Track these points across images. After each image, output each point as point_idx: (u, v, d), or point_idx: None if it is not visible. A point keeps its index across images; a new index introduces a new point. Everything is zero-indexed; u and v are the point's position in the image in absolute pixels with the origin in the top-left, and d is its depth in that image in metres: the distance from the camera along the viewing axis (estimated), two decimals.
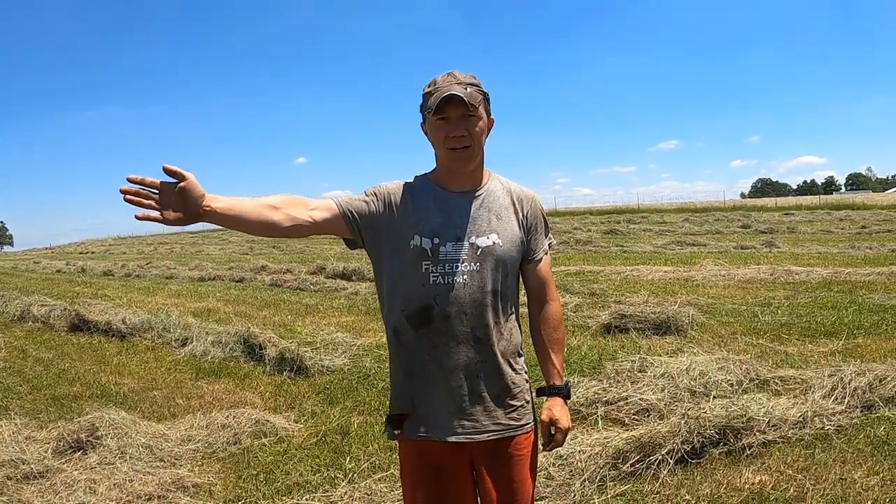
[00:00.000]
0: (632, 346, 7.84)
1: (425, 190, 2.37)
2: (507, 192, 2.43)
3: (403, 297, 2.33)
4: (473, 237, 2.30)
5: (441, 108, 2.22)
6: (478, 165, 2.38)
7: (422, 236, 2.29)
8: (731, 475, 4.33)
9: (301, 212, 2.27)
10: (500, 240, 2.33)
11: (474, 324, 2.31)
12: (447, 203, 2.34)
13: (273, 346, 8.15)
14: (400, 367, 2.39)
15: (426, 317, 2.29)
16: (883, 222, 28.50)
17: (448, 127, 2.25)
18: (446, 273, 2.28)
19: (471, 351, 2.31)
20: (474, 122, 2.26)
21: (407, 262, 2.31)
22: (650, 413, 5.30)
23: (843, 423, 4.99)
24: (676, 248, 21.24)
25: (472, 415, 2.33)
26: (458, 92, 2.19)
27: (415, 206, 2.33)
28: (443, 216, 2.31)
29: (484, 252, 2.30)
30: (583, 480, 4.27)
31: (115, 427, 5.28)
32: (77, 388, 7.68)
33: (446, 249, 2.28)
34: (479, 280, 2.29)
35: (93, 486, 4.50)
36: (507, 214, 2.38)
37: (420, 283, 2.29)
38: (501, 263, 2.33)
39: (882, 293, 10.63)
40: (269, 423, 5.68)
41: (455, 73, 2.30)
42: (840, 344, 7.42)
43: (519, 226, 2.40)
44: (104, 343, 10.29)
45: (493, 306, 2.33)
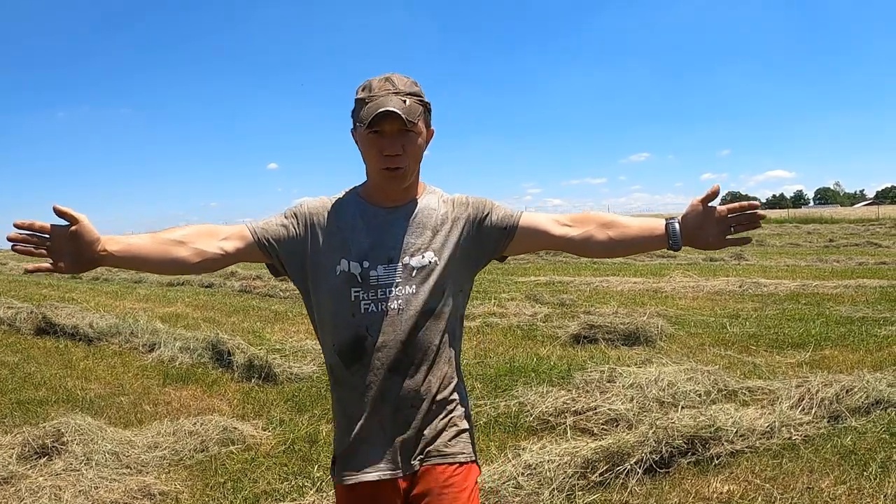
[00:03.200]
0: (601, 356, 7.87)
1: (352, 207, 2.15)
2: (443, 202, 2.20)
3: (333, 331, 2.12)
4: (407, 257, 2.08)
5: (376, 122, 1.98)
6: (412, 181, 2.15)
7: (349, 260, 2.08)
8: (700, 485, 4.35)
9: (209, 244, 2.08)
10: (438, 257, 2.11)
11: (412, 352, 2.08)
12: (377, 221, 2.12)
13: (242, 352, 8.09)
14: (338, 407, 2.21)
15: (359, 350, 2.08)
16: (850, 236, 28.96)
17: (382, 143, 2.01)
18: (379, 299, 2.07)
19: (408, 380, 2.09)
20: (412, 139, 2.03)
21: (334, 290, 2.09)
22: (619, 423, 5.32)
23: (810, 433, 5.04)
24: (646, 260, 21.37)
25: (406, 448, 2.10)
26: (396, 108, 1.95)
27: (340, 226, 2.12)
28: (372, 236, 2.10)
29: (420, 272, 2.08)
30: (552, 490, 4.27)
31: (81, 433, 5.22)
32: (43, 392, 7.57)
33: (377, 273, 2.07)
34: (416, 304, 2.07)
35: (58, 492, 4.44)
36: (445, 227, 2.15)
37: (350, 313, 2.08)
38: (441, 283, 2.11)
39: (849, 305, 10.79)
40: (237, 431, 5.64)
41: (393, 79, 2.04)
42: (807, 355, 7.51)
43: (466, 230, 2.17)
44: (71, 347, 10.17)
45: (433, 330, 2.11)
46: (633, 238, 2.16)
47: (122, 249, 1.94)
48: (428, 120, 2.11)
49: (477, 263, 2.24)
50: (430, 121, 2.12)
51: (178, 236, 2.04)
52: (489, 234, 2.20)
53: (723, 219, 2.04)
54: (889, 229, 32.31)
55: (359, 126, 2.04)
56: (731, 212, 2.04)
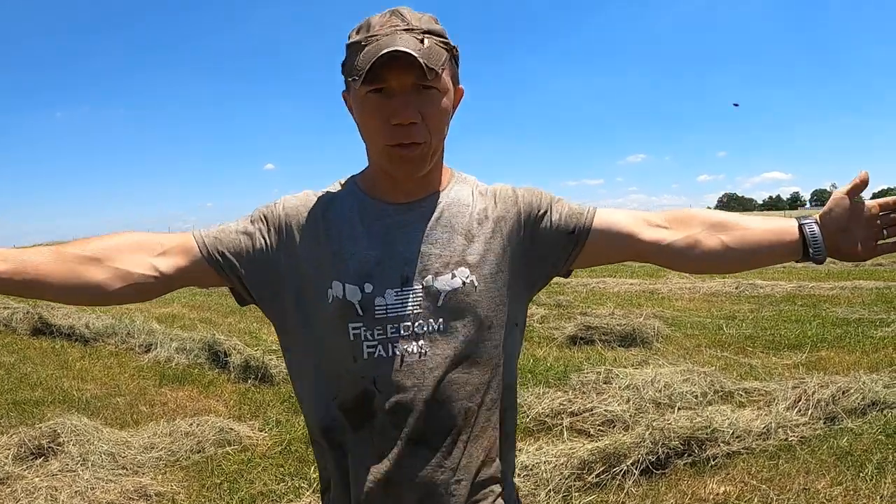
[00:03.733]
0: (597, 357, 7.87)
1: (348, 205, 1.46)
2: (479, 195, 1.50)
3: (326, 381, 1.44)
4: (430, 276, 1.39)
5: (377, 72, 1.27)
6: (435, 165, 1.45)
7: (344, 282, 1.38)
8: (696, 486, 4.35)
9: (137, 262, 1.40)
10: (476, 275, 1.40)
11: (442, 416, 1.39)
12: (384, 224, 1.42)
13: (238, 353, 8.07)
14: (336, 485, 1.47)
15: (363, 411, 1.39)
16: None
17: (388, 107, 1.31)
18: (389, 340, 1.37)
19: (437, 456, 1.39)
20: (433, 100, 1.34)
21: (325, 325, 1.41)
22: (615, 424, 5.32)
23: (806, 435, 5.04)
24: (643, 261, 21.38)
25: None
26: (408, 47, 1.25)
27: (331, 233, 1.43)
28: (379, 246, 1.40)
29: (450, 299, 1.39)
30: (548, 491, 4.27)
31: (77, 433, 5.21)
32: (39, 393, 7.56)
33: (386, 301, 1.37)
34: (445, 346, 1.38)
35: (54, 493, 4.43)
36: (485, 232, 1.44)
37: (349, 358, 1.39)
38: (482, 313, 1.41)
39: (845, 307, 10.80)
40: (234, 432, 5.63)
41: (402, 12, 1.34)
42: (804, 356, 7.51)
43: (515, 234, 1.49)
44: (67, 348, 10.15)
45: (472, 383, 1.41)
46: (756, 245, 1.51)
47: (7, 270, 1.32)
48: (455, 73, 1.43)
49: (533, 283, 1.56)
50: (458, 75, 1.45)
51: (93, 251, 1.39)
52: (550, 240, 1.52)
53: (873, 218, 1.47)
54: None
55: (353, 82, 1.32)
56: (885, 209, 1.47)
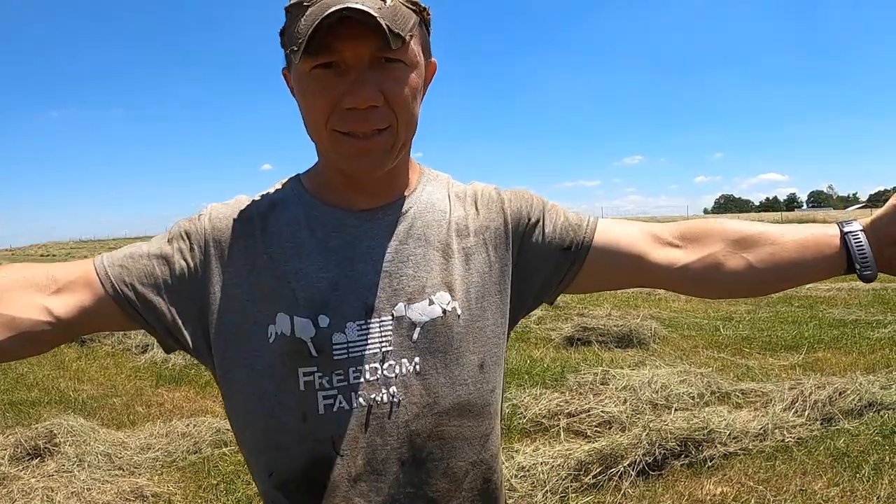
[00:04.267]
0: (594, 358, 7.86)
1: (294, 213, 1.16)
2: (456, 198, 1.23)
3: (268, 449, 1.11)
4: (402, 304, 1.10)
5: (324, 40, 0.98)
6: (401, 162, 1.15)
7: (293, 315, 1.07)
8: (693, 487, 4.35)
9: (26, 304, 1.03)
10: (458, 301, 1.12)
11: (424, 481, 1.10)
12: (342, 237, 1.13)
13: None
14: None
15: (319, 482, 1.08)
16: None
17: (340, 86, 1.02)
18: (352, 387, 1.07)
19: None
20: (399, 75, 1.04)
21: (265, 372, 1.08)
22: (612, 425, 5.32)
23: (803, 436, 5.04)
24: None
25: None
26: (365, 5, 0.95)
27: (272, 250, 1.12)
28: (335, 267, 1.10)
29: (429, 331, 1.10)
30: (545, 492, 4.27)
31: (74, 434, 5.20)
32: (35, 393, 7.54)
33: (346, 338, 1.07)
34: (424, 392, 1.10)
35: (50, 494, 4.42)
36: (465, 244, 1.17)
37: (296, 417, 1.08)
38: (468, 347, 1.13)
39: (842, 308, 10.79)
40: (230, 432, 5.60)
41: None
42: (800, 358, 7.51)
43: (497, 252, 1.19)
44: (63, 348, 10.09)
45: (462, 439, 1.13)
46: (790, 264, 1.19)
47: None
48: (427, 42, 1.13)
49: (521, 305, 1.26)
50: (429, 45, 1.14)
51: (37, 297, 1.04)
52: (541, 256, 1.24)
53: None
54: None
55: (292, 54, 1.00)
56: None
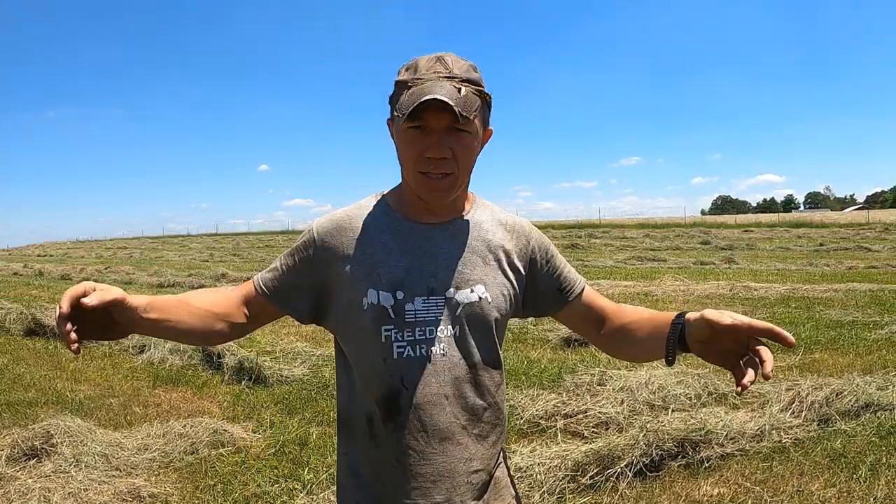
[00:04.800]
0: (591, 359, 7.87)
1: (381, 222, 1.70)
2: (499, 224, 1.77)
3: (362, 377, 1.67)
4: (452, 289, 1.64)
5: (418, 113, 1.51)
6: (460, 192, 1.70)
7: (379, 290, 1.62)
8: (690, 488, 4.36)
9: (239, 314, 1.73)
10: (489, 293, 1.67)
11: (459, 411, 1.64)
12: (414, 240, 1.67)
13: (232, 354, 8.07)
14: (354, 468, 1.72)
15: (393, 407, 1.62)
16: (840, 240, 29.01)
17: (425, 142, 1.55)
18: (417, 342, 1.62)
19: (455, 448, 1.64)
20: (464, 141, 1.57)
21: (362, 328, 1.64)
22: (609, 426, 5.33)
23: (800, 437, 5.05)
24: (637, 263, 21.41)
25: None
26: (447, 97, 1.48)
27: (365, 248, 1.67)
28: (408, 260, 1.65)
29: (468, 310, 1.65)
30: (542, 493, 4.27)
31: (71, 435, 5.20)
32: (32, 394, 7.54)
33: (415, 307, 1.62)
34: (462, 349, 1.65)
35: (47, 494, 4.42)
36: (500, 257, 1.73)
37: (381, 358, 1.63)
38: (492, 325, 1.69)
39: (839, 309, 10.81)
40: (227, 433, 5.62)
41: (447, 60, 1.57)
42: (797, 359, 7.52)
43: (518, 269, 1.76)
44: (61, 348, 10.10)
45: (481, 384, 1.68)
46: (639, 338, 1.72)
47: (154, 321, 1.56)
48: (486, 117, 1.66)
49: (517, 309, 1.82)
50: (488, 118, 1.68)
51: (211, 306, 1.68)
52: (543, 287, 1.81)
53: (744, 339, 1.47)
54: (879, 233, 32.37)
55: (397, 117, 1.55)
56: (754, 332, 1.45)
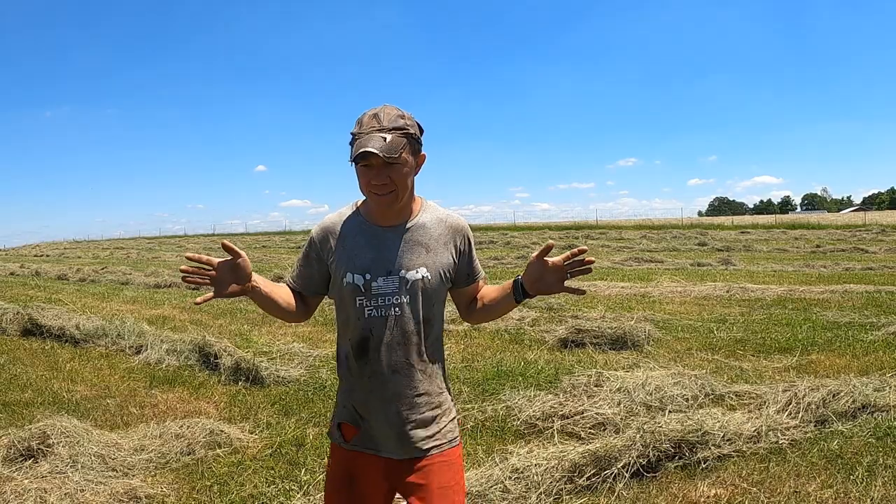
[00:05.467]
0: (588, 360, 7.88)
1: (356, 226, 2.46)
2: (439, 222, 2.50)
3: (345, 327, 2.47)
4: (403, 271, 2.38)
5: (360, 159, 2.23)
6: (407, 201, 2.42)
7: (353, 273, 2.38)
8: (687, 489, 4.36)
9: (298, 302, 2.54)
10: (429, 272, 2.41)
11: (407, 351, 2.40)
12: (378, 239, 2.41)
13: (229, 355, 8.06)
14: (344, 390, 2.52)
15: (364, 348, 2.40)
16: (837, 242, 29.10)
17: (370, 174, 2.27)
18: (379, 306, 2.38)
19: (404, 378, 2.40)
20: (397, 169, 2.28)
21: (345, 297, 2.42)
22: (606, 427, 5.33)
23: (797, 438, 5.06)
24: (634, 265, 21.43)
25: (408, 436, 2.40)
26: (375, 147, 2.19)
27: (346, 245, 2.43)
28: (374, 252, 2.39)
29: (413, 285, 2.38)
30: (539, 494, 4.27)
31: (67, 435, 5.18)
32: (28, 394, 7.53)
33: (378, 284, 2.37)
34: (409, 311, 2.39)
35: (43, 495, 4.40)
36: (437, 246, 2.46)
37: (356, 317, 2.39)
38: (430, 294, 2.43)
39: (835, 310, 10.83)
40: (224, 434, 5.61)
41: (380, 115, 2.29)
42: (794, 360, 7.53)
43: (451, 256, 2.49)
44: (57, 349, 10.11)
45: (423, 334, 2.42)
46: (492, 301, 2.59)
47: (265, 289, 2.39)
48: (416, 148, 2.34)
49: (449, 281, 2.53)
50: (418, 148, 2.36)
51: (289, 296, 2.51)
52: (460, 267, 2.54)
53: (559, 267, 2.38)
54: (876, 235, 32.42)
55: (353, 161, 2.27)
56: (566, 260, 2.36)
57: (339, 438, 2.51)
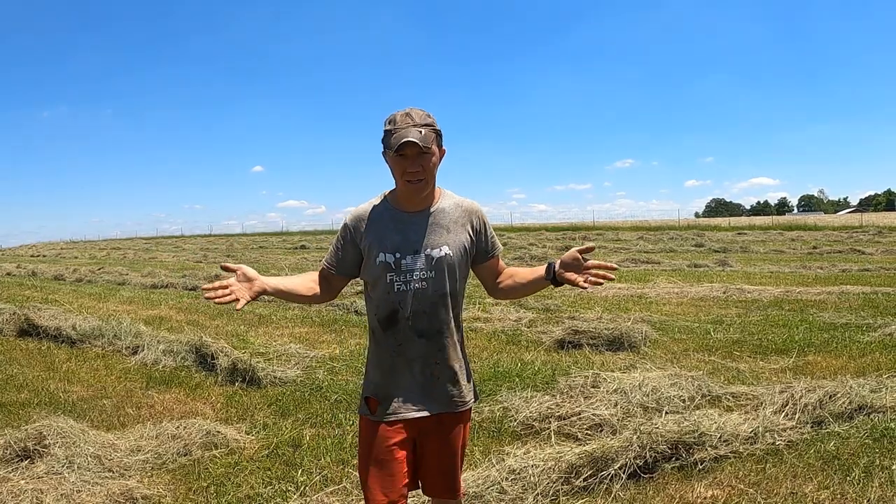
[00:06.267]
0: (585, 361, 7.88)
1: (386, 213, 2.81)
2: (456, 206, 2.87)
3: (376, 304, 2.81)
4: (428, 250, 2.74)
5: (401, 149, 2.59)
6: (430, 190, 2.79)
7: (385, 252, 2.73)
8: (684, 490, 4.36)
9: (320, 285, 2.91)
10: (451, 250, 2.78)
11: (432, 321, 2.76)
12: (405, 223, 2.77)
13: (225, 356, 8.04)
14: (374, 360, 2.87)
15: (393, 319, 2.76)
16: (834, 243, 29.13)
17: (405, 163, 2.63)
18: (407, 281, 2.73)
19: (429, 344, 2.78)
20: (428, 159, 2.66)
21: (377, 274, 2.76)
22: (603, 428, 5.33)
23: (793, 439, 5.06)
24: (631, 266, 21.42)
25: (430, 396, 2.81)
26: (414, 137, 2.56)
27: (377, 228, 2.78)
28: (401, 234, 2.75)
29: (437, 261, 2.75)
30: (536, 495, 4.27)
31: (63, 436, 5.17)
32: (25, 394, 7.52)
33: (406, 262, 2.72)
34: (434, 285, 2.75)
35: (39, 496, 4.39)
36: (456, 227, 2.83)
37: (386, 292, 2.74)
38: (452, 269, 2.79)
39: (832, 312, 10.85)
40: (221, 435, 5.61)
41: (412, 114, 2.65)
42: (791, 361, 7.54)
43: (469, 234, 2.86)
44: (53, 349, 10.10)
45: (446, 306, 2.79)
46: (523, 278, 2.98)
47: (278, 285, 2.77)
48: (440, 143, 2.74)
49: (471, 260, 2.94)
50: (441, 143, 2.75)
51: (315, 278, 2.92)
52: (478, 245, 2.93)
53: (586, 268, 2.77)
54: (872, 236, 32.47)
55: (389, 151, 2.66)
56: (594, 266, 2.77)
57: (366, 410, 2.84)
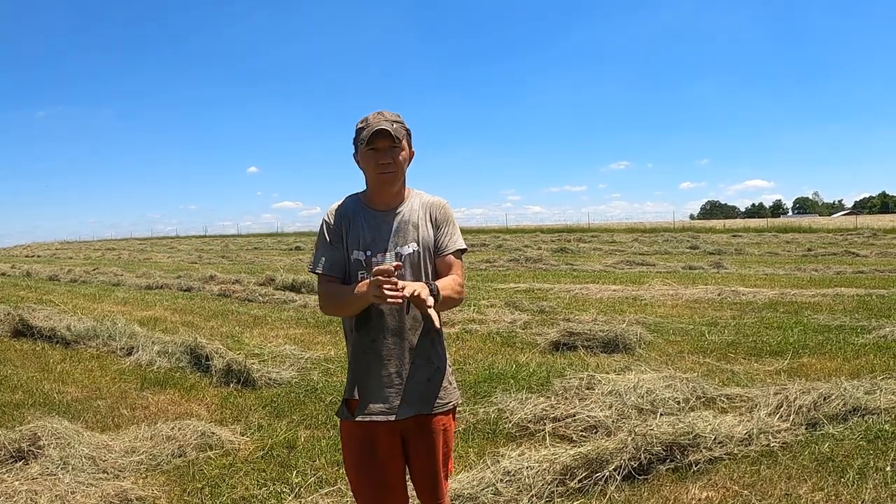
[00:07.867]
0: (580, 363, 7.88)
1: (357, 212, 2.87)
2: (422, 204, 2.92)
3: None
4: (399, 247, 2.80)
5: (372, 140, 2.70)
6: (400, 187, 2.87)
7: (357, 250, 2.80)
8: (678, 491, 4.36)
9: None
10: (419, 247, 2.83)
11: (403, 318, 2.76)
12: (375, 221, 2.83)
13: (220, 357, 8.03)
14: (351, 359, 2.87)
15: (366, 317, 2.76)
16: (828, 245, 29.16)
17: (377, 155, 2.73)
18: None
19: (402, 342, 2.76)
20: (398, 152, 2.76)
21: (351, 272, 2.82)
22: (598, 430, 5.33)
23: (788, 440, 5.06)
24: (626, 268, 21.42)
25: (406, 396, 2.76)
26: (386, 127, 2.68)
27: (350, 227, 2.84)
28: (372, 232, 2.82)
29: (406, 258, 2.79)
30: (530, 496, 4.27)
31: (58, 437, 5.16)
32: (19, 395, 7.50)
33: (377, 259, 2.76)
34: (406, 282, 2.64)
35: (34, 497, 4.38)
36: (424, 224, 2.87)
37: None
38: (422, 266, 2.83)
39: (826, 314, 10.87)
40: (215, 436, 5.60)
41: (384, 112, 2.77)
42: (785, 363, 7.55)
43: (431, 228, 2.88)
44: (48, 350, 10.09)
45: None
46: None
47: None
48: (410, 142, 2.86)
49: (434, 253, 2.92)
50: (411, 143, 2.88)
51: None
52: (437, 240, 2.91)
53: None
54: (867, 239, 32.52)
55: (360, 145, 2.76)
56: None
57: (346, 413, 2.82)
